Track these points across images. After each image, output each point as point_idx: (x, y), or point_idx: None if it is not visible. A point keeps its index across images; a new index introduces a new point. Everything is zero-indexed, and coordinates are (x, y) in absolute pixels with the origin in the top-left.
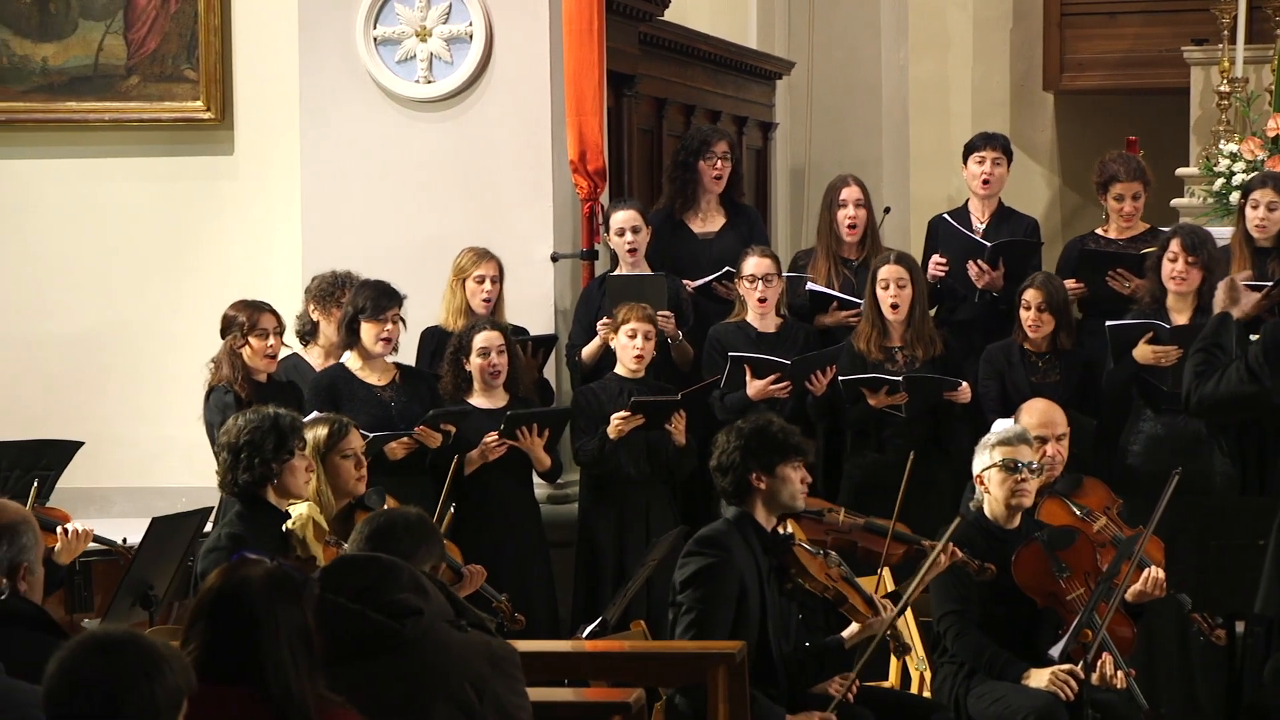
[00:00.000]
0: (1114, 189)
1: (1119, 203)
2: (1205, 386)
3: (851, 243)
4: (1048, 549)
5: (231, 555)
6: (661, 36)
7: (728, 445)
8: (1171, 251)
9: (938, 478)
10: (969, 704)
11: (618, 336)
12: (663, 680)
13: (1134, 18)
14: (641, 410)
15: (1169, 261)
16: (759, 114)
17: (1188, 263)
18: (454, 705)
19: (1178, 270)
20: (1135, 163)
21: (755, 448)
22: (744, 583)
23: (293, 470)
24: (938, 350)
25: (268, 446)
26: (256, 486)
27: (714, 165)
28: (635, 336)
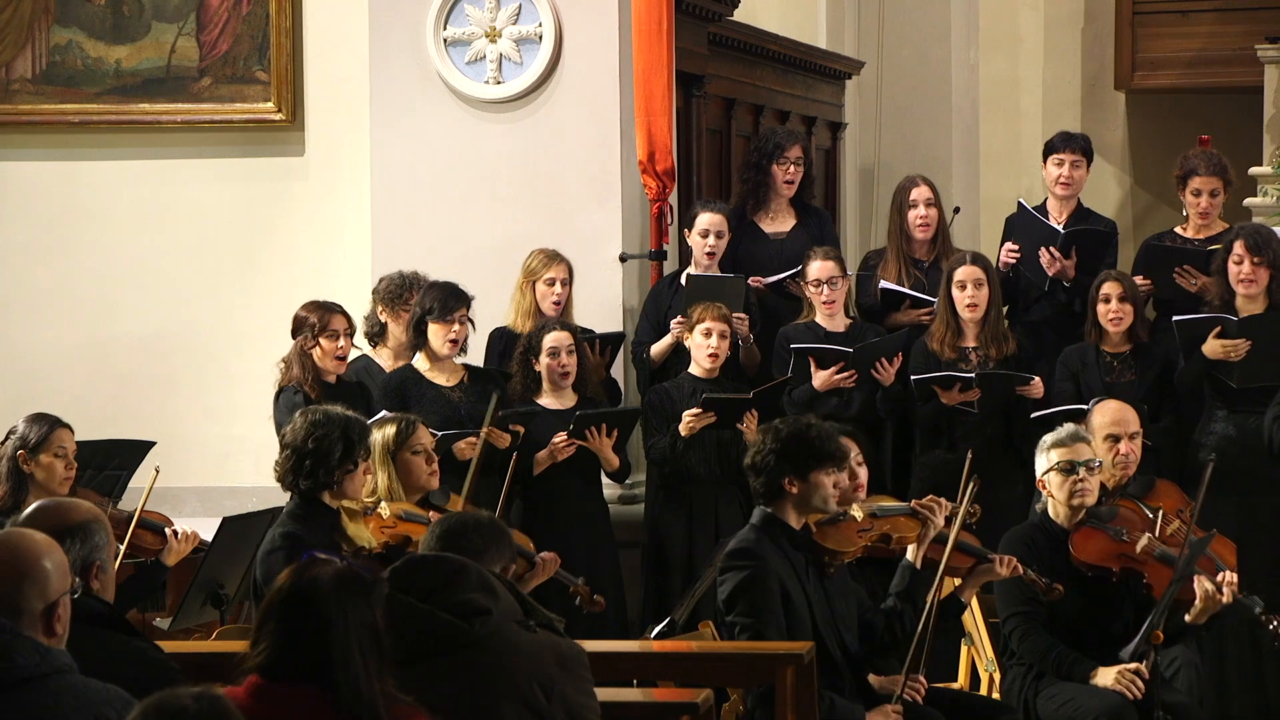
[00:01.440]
0: (1193, 183)
1: (1196, 197)
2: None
3: (922, 242)
4: (1096, 522)
5: (292, 554)
6: (731, 36)
7: (763, 446)
8: (1236, 254)
9: (1011, 478)
10: (1038, 706)
11: (693, 335)
12: (730, 681)
13: (1206, 15)
14: (713, 408)
15: (1234, 264)
16: (828, 114)
17: (1254, 263)
18: (522, 705)
19: (1245, 272)
20: (1216, 158)
21: (791, 451)
22: (784, 585)
23: (354, 479)
24: (1010, 349)
25: (335, 454)
26: (313, 491)
27: (787, 170)
28: (710, 336)
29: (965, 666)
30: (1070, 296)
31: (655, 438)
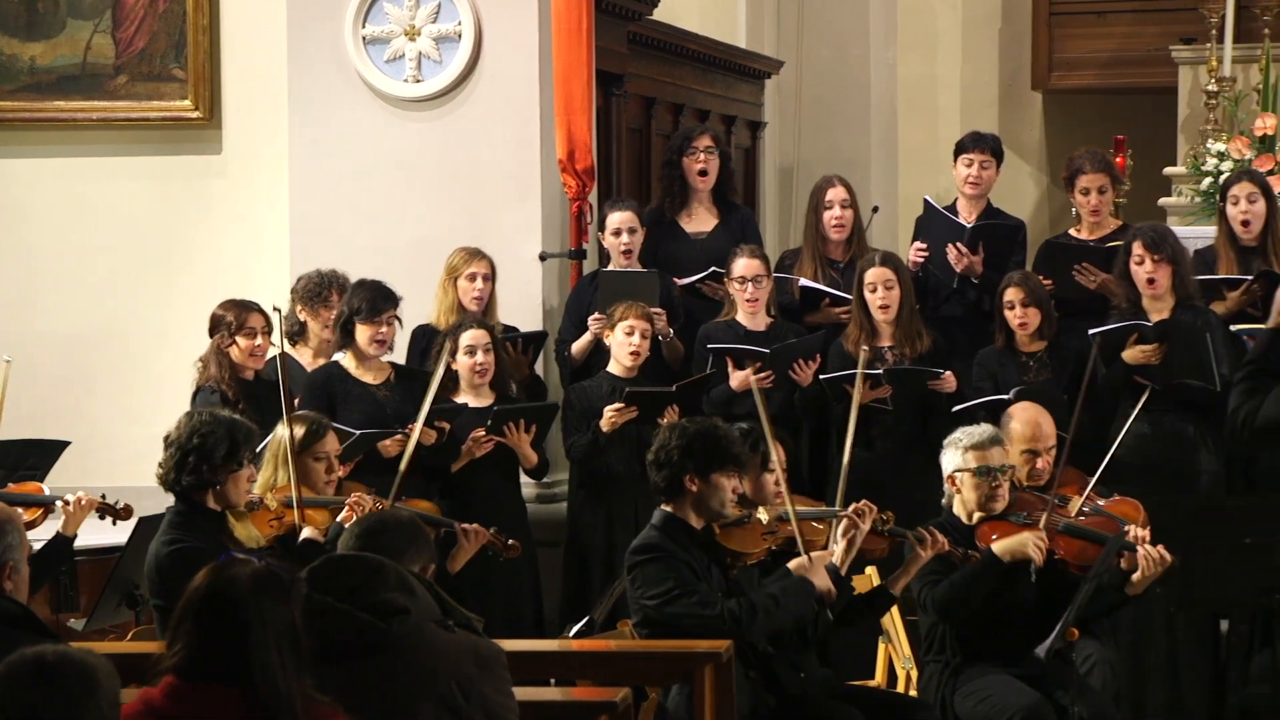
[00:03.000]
0: (1080, 182)
1: (1085, 196)
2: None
3: (837, 243)
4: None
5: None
6: (650, 36)
7: (668, 442)
8: (1136, 255)
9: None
10: (955, 703)
11: (614, 334)
12: (649, 679)
13: (1122, 17)
14: (635, 402)
15: (1136, 265)
16: (748, 113)
17: (1154, 261)
18: (440, 705)
19: (1147, 271)
20: (1102, 156)
21: (695, 449)
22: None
23: (236, 481)
24: (925, 347)
25: (219, 453)
26: (198, 490)
27: (698, 159)
28: (632, 334)
29: (882, 664)
30: (979, 294)
31: (576, 436)
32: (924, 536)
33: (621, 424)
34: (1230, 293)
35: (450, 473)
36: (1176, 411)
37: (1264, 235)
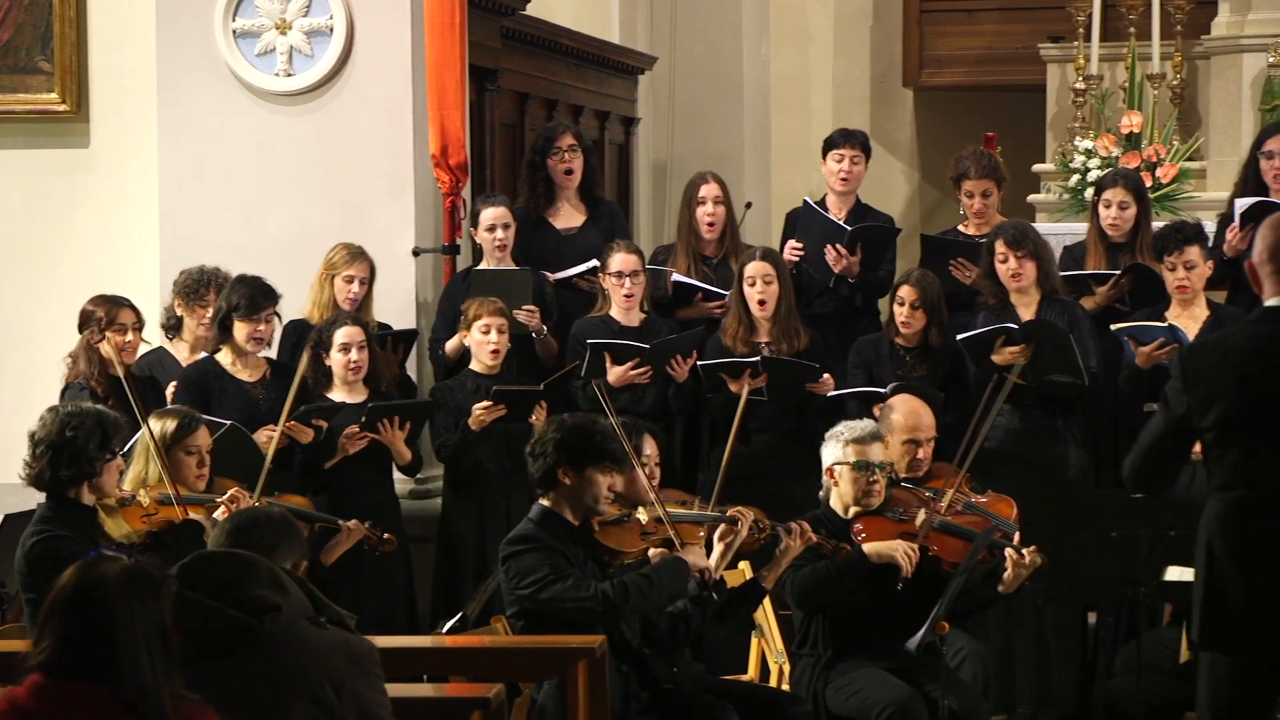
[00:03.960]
0: (965, 185)
1: (970, 199)
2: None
3: (710, 240)
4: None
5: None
6: (524, 31)
7: (546, 434)
8: (1000, 253)
9: (803, 470)
10: (827, 697)
11: (471, 333)
12: (523, 675)
13: (992, 15)
14: (503, 400)
15: (1000, 263)
16: (621, 109)
17: (1018, 257)
18: (312, 702)
19: (1012, 268)
20: (988, 159)
21: (571, 443)
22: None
23: (110, 471)
24: (803, 344)
25: (91, 445)
26: (72, 484)
27: (561, 159)
28: (489, 332)
29: (755, 658)
30: (853, 292)
31: (444, 435)
32: (792, 528)
33: (490, 422)
34: (1099, 288)
35: (324, 470)
36: (1045, 406)
37: (1134, 234)
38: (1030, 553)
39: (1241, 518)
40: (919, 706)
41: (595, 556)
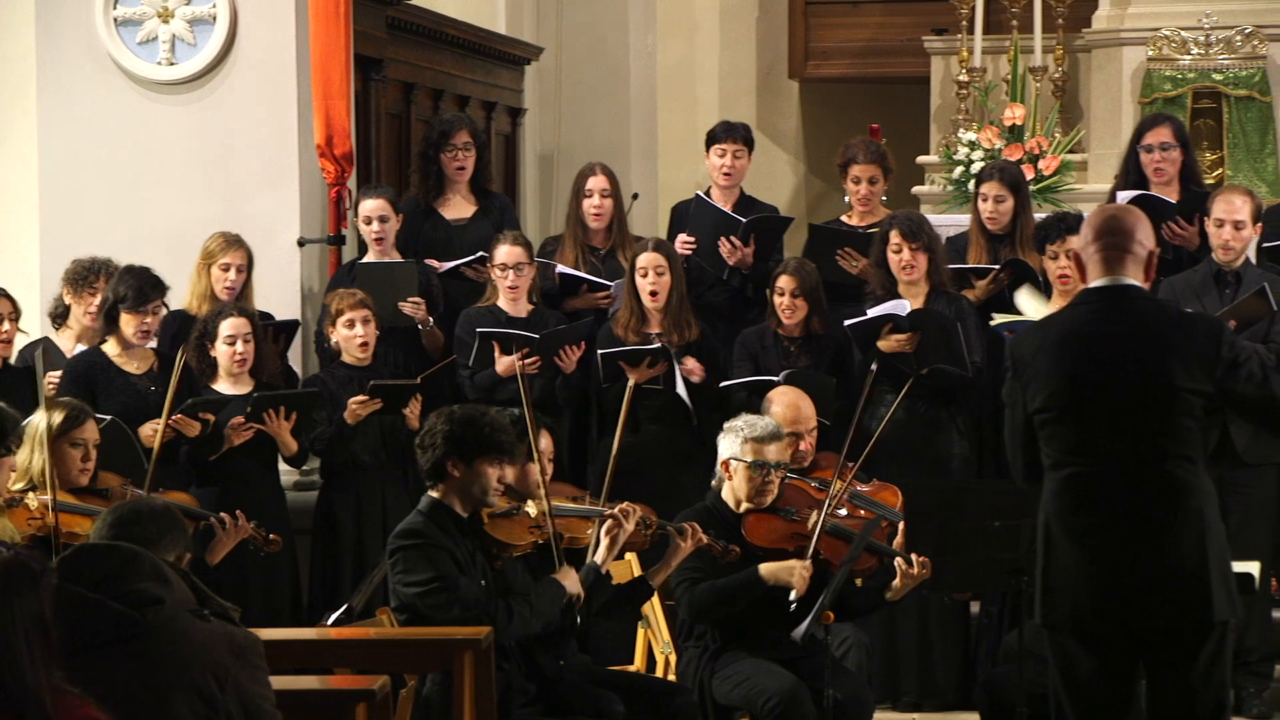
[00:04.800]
0: (852, 171)
1: (856, 185)
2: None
3: (597, 231)
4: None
5: None
6: (409, 20)
7: (434, 427)
8: (894, 243)
9: (693, 459)
10: (714, 687)
11: (337, 329)
12: (408, 667)
13: (876, 7)
14: (379, 394)
15: (894, 253)
16: (508, 99)
17: (911, 249)
18: (195, 695)
19: (905, 259)
20: (876, 147)
21: (459, 435)
22: (458, 565)
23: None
24: (694, 335)
25: None
26: None
27: (455, 156)
28: (354, 325)
29: (641, 649)
30: (744, 283)
31: (319, 428)
32: (684, 529)
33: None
34: (979, 281)
35: (210, 462)
36: (929, 397)
37: (1013, 225)
38: (919, 562)
39: (1075, 494)
40: (804, 696)
41: (483, 548)
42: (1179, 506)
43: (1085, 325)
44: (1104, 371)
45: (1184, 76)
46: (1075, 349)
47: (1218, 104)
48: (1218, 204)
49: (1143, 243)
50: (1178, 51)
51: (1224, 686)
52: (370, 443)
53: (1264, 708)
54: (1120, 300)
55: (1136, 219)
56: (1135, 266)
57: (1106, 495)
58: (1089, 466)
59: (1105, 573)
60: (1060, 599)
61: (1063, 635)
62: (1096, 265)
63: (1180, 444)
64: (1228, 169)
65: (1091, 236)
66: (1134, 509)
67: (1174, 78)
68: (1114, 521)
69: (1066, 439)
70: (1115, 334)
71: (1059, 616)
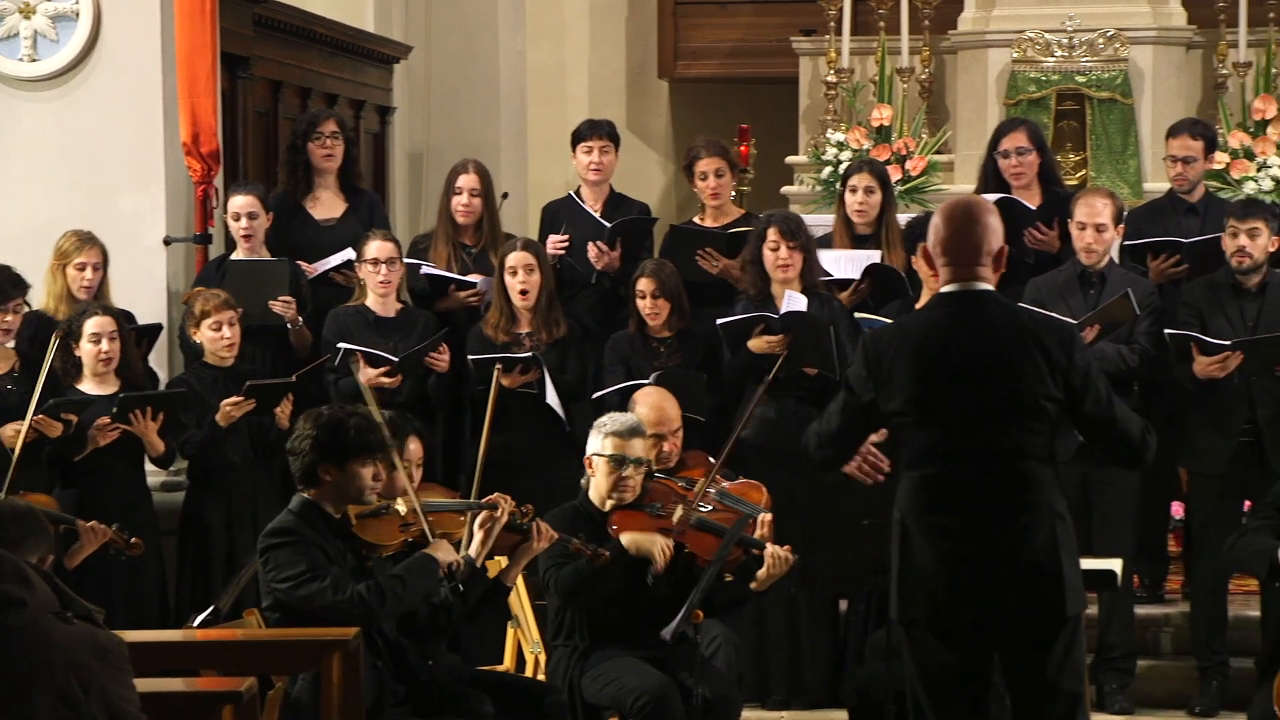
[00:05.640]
0: (698, 167)
1: (704, 181)
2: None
3: (467, 227)
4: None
5: None
6: (277, 18)
7: (302, 432)
8: (771, 240)
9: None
10: (583, 685)
11: (201, 330)
12: (277, 668)
13: (745, 8)
14: (254, 394)
15: (770, 250)
16: (377, 98)
17: (789, 248)
18: (58, 698)
19: (781, 257)
20: (716, 142)
21: (328, 439)
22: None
23: None
24: (562, 333)
25: None
26: None
27: (323, 145)
28: (220, 328)
29: (511, 649)
30: (615, 284)
31: (188, 431)
32: (541, 530)
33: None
34: (841, 294)
35: (74, 463)
36: (799, 397)
37: (879, 225)
38: (787, 550)
39: (931, 494)
40: (674, 695)
41: (354, 549)
42: (1032, 505)
43: (941, 330)
44: (959, 376)
45: (1048, 78)
46: (931, 354)
47: (1081, 106)
48: (1079, 207)
49: (992, 241)
50: (1042, 54)
51: (1079, 678)
52: (240, 443)
53: (1126, 704)
54: (975, 305)
55: (985, 214)
56: (987, 267)
57: (963, 495)
58: (945, 468)
59: (961, 570)
60: (917, 596)
61: (919, 631)
62: (947, 268)
63: (1033, 446)
64: (1091, 170)
65: (942, 237)
66: (989, 508)
67: (1038, 79)
68: (970, 521)
69: (923, 441)
70: (970, 339)
71: (916, 613)
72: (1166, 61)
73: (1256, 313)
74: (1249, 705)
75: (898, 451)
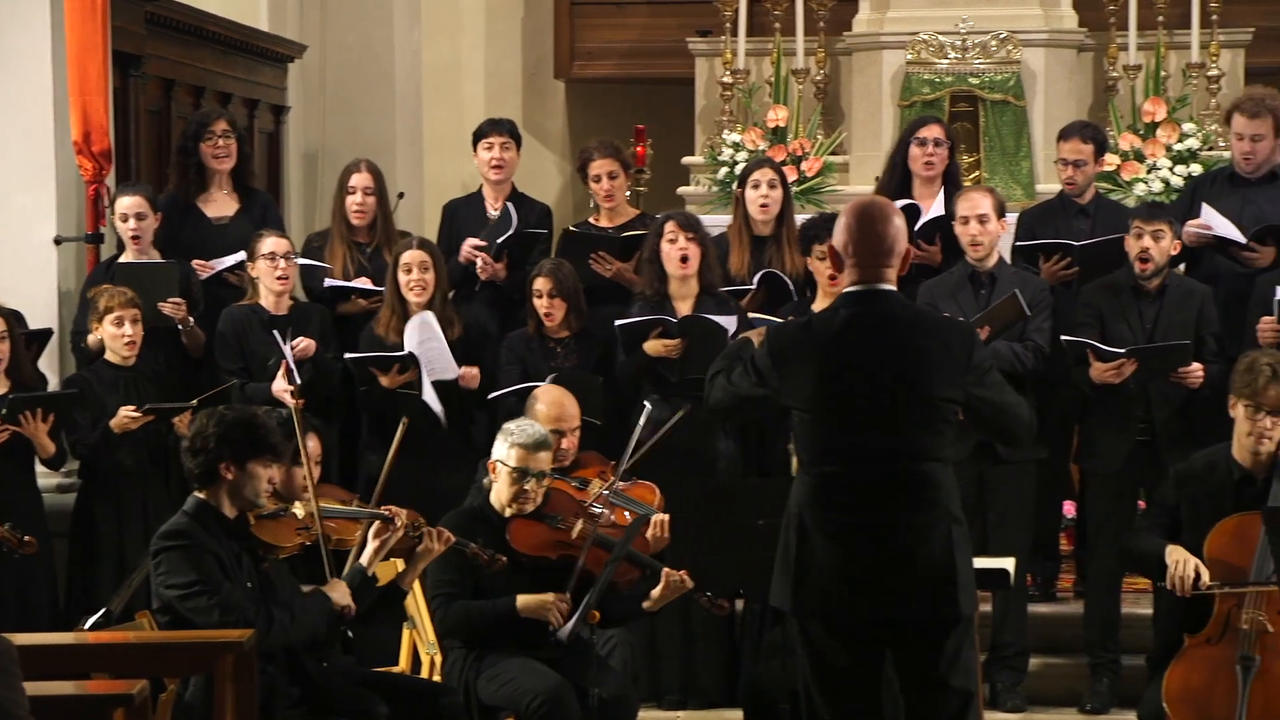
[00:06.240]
0: (591, 169)
1: (597, 183)
2: (718, 385)
3: (361, 227)
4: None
5: None
6: (169, 16)
7: (205, 429)
8: (669, 233)
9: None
10: (479, 687)
11: (103, 326)
12: (168, 670)
13: (641, 8)
14: (155, 414)
15: (669, 243)
16: (271, 97)
17: (688, 239)
18: None
19: (680, 248)
20: (610, 143)
21: (232, 437)
22: (223, 567)
23: None
24: (456, 333)
25: None
26: None
27: (215, 145)
28: (122, 324)
29: (407, 650)
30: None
31: (80, 431)
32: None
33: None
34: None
35: None
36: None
37: (778, 225)
38: (683, 574)
39: (830, 492)
40: (569, 695)
41: (250, 550)
42: (930, 505)
43: (845, 329)
44: (861, 376)
45: (942, 80)
46: (834, 352)
47: (974, 107)
48: (960, 205)
49: (898, 242)
50: (935, 55)
51: (970, 676)
52: (134, 447)
53: (1018, 701)
54: (878, 305)
55: (892, 216)
56: (891, 268)
57: (861, 494)
58: (845, 466)
59: (858, 568)
60: (812, 591)
61: (813, 626)
62: (854, 268)
63: (933, 446)
64: (984, 172)
65: (849, 237)
66: (887, 508)
67: (932, 81)
68: (868, 520)
69: (823, 439)
70: (873, 339)
71: (810, 607)
72: (1058, 64)
73: (1155, 315)
74: (1139, 702)
75: (797, 447)
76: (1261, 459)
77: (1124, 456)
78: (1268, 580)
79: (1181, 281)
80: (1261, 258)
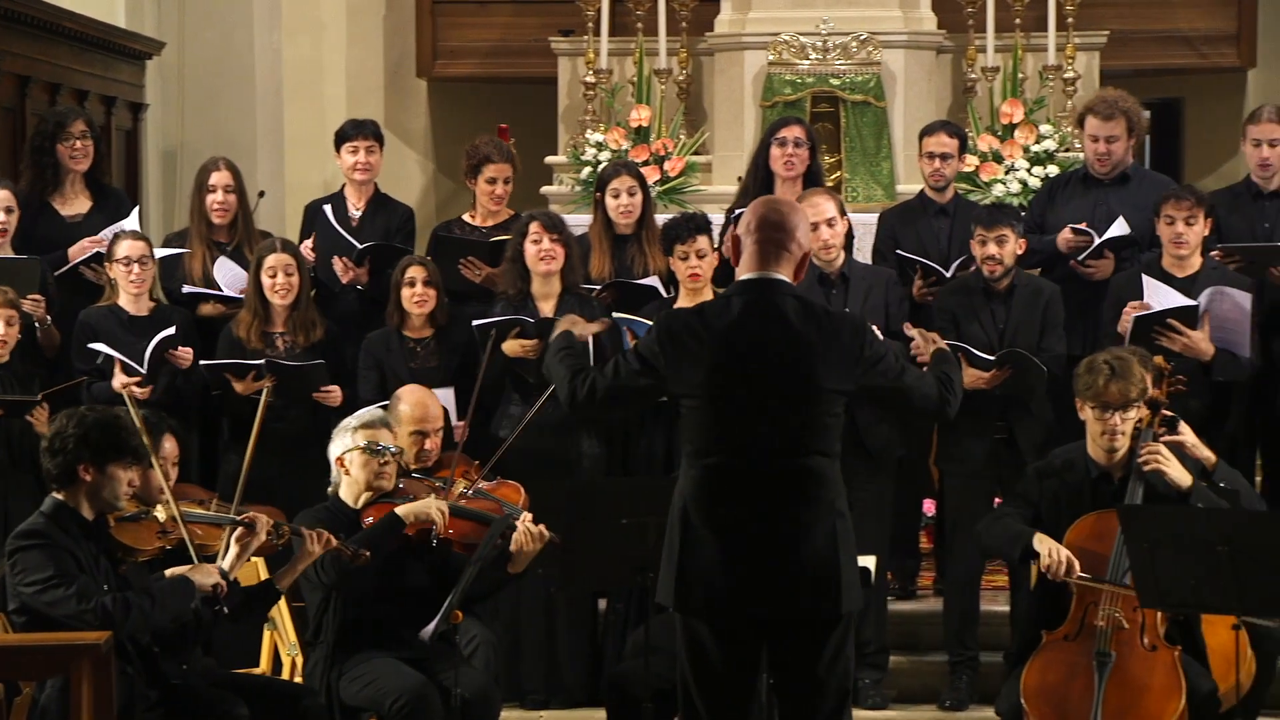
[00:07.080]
0: (487, 171)
1: (491, 185)
2: (591, 381)
3: (221, 226)
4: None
5: None
6: (23, 12)
7: (65, 429)
8: (534, 234)
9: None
10: (340, 688)
11: None
12: (24, 674)
13: (504, 7)
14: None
15: (532, 244)
16: (129, 94)
17: (552, 240)
18: None
19: (544, 249)
20: (505, 147)
21: (92, 439)
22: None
23: None
24: (319, 336)
25: None
26: None
27: (72, 146)
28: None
29: (268, 651)
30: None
31: None
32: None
33: None
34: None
35: None
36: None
37: (639, 226)
38: (542, 528)
39: (715, 485)
40: (432, 695)
41: (108, 553)
42: (815, 499)
43: (735, 318)
44: (749, 365)
45: (803, 81)
46: (723, 340)
47: (835, 108)
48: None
49: (800, 241)
50: (797, 56)
51: (848, 676)
52: None
53: (879, 699)
54: (769, 295)
55: (799, 218)
56: (788, 264)
57: (746, 487)
58: (730, 458)
59: (741, 562)
60: (695, 586)
61: (694, 621)
62: (751, 256)
63: (819, 439)
64: (845, 172)
65: (754, 226)
66: (772, 501)
67: (794, 82)
68: (752, 513)
69: (710, 429)
70: (762, 329)
71: (693, 603)
72: (917, 65)
73: (1006, 314)
74: (997, 698)
75: (684, 438)
76: (1116, 457)
77: (983, 457)
78: (1124, 576)
79: (1030, 280)
80: (1099, 271)
